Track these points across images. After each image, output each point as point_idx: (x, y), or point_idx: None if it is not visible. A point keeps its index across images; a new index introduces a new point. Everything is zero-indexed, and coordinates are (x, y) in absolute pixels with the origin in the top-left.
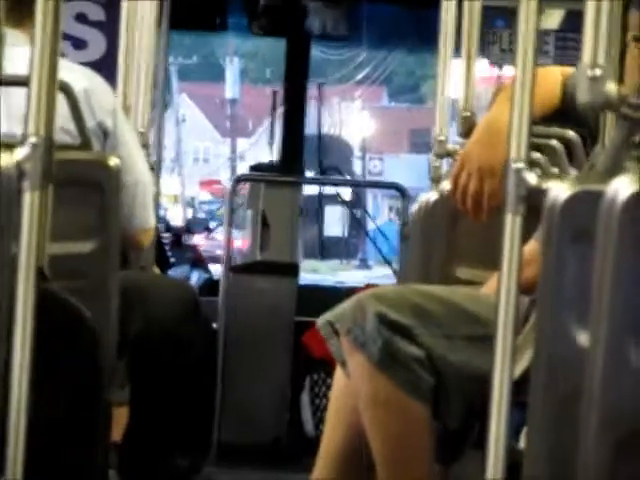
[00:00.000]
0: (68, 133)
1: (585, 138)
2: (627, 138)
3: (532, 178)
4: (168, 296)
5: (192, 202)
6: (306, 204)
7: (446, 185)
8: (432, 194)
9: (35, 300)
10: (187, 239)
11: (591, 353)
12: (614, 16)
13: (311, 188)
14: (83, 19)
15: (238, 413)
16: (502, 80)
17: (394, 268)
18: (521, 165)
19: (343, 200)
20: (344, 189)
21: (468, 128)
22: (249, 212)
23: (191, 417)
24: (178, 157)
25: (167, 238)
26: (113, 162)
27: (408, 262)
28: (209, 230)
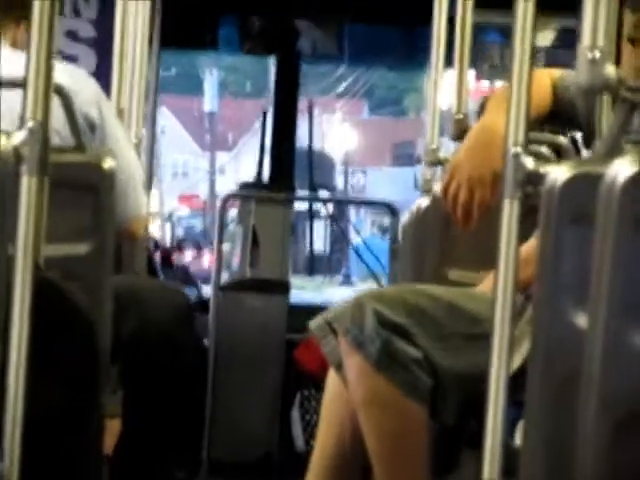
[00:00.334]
0: (58, 134)
1: (576, 142)
2: (626, 121)
3: (530, 162)
4: (162, 300)
5: (170, 217)
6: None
7: (438, 187)
8: (424, 199)
9: (33, 285)
10: (177, 258)
11: (589, 335)
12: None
13: (298, 204)
14: (73, 36)
15: (229, 429)
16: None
17: (381, 284)
18: (519, 149)
19: (328, 215)
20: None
21: (461, 131)
22: (239, 228)
23: (183, 429)
24: (157, 170)
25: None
26: (107, 164)
27: (401, 265)
28: (199, 248)
